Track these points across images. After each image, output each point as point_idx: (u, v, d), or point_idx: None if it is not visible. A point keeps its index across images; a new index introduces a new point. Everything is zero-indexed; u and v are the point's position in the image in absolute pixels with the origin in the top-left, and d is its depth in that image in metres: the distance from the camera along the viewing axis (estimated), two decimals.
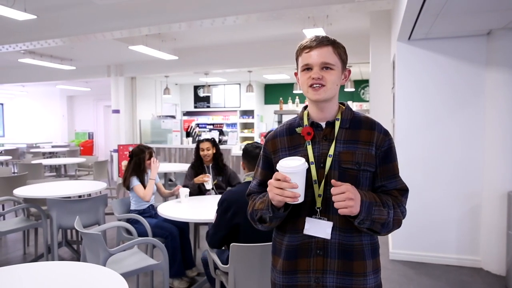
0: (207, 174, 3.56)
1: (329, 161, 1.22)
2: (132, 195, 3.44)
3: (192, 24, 4.67)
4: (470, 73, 3.58)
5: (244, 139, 10.54)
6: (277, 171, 1.17)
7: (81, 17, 5.07)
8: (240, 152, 7.87)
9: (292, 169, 1.12)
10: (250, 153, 2.42)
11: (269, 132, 3.11)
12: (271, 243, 2.11)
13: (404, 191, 1.28)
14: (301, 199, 1.14)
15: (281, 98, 9.18)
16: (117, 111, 8.92)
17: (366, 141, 1.24)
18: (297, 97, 9.04)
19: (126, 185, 3.42)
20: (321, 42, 1.22)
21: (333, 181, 1.14)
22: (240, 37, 6.66)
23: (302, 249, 1.24)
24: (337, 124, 1.26)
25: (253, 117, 11.09)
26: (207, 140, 3.74)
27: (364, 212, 1.14)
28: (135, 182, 3.39)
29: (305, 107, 1.35)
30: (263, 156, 1.38)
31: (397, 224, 1.23)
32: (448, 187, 3.67)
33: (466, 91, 3.61)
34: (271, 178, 1.32)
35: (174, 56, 6.96)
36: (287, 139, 1.31)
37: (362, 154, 1.23)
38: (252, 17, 4.42)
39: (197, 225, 3.86)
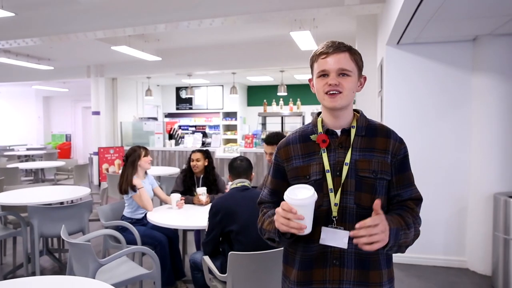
0: (199, 196, 3.31)
1: (345, 169, 1.20)
2: (128, 202, 3.30)
3: (179, 25, 4.58)
4: (457, 78, 3.65)
5: (227, 141, 10.46)
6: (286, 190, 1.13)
7: (63, 16, 4.89)
8: (224, 155, 7.82)
9: (300, 201, 1.07)
10: (232, 164, 2.61)
11: (270, 134, 3.08)
12: (270, 251, 2.09)
13: (418, 200, 1.26)
14: (307, 231, 1.10)
15: (265, 100, 9.17)
16: (97, 113, 8.68)
17: (382, 149, 1.23)
18: (281, 99, 9.03)
19: (123, 190, 3.26)
20: (338, 48, 1.19)
21: (376, 204, 1.08)
22: (224, 38, 6.59)
23: (317, 259, 1.21)
24: (353, 131, 1.23)
25: (236, 119, 11.02)
26: (199, 150, 3.58)
27: (392, 239, 1.11)
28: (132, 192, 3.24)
29: (318, 114, 1.31)
30: (274, 165, 1.34)
31: (416, 238, 1.22)
32: (436, 189, 3.72)
33: (453, 95, 3.68)
34: (282, 187, 1.30)
35: (158, 57, 6.83)
36: (300, 147, 1.28)
37: (378, 162, 1.21)
38: (240, 19, 4.37)
39: (185, 232, 3.78)
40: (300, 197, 1.08)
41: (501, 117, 3.44)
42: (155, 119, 10.24)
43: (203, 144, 8.47)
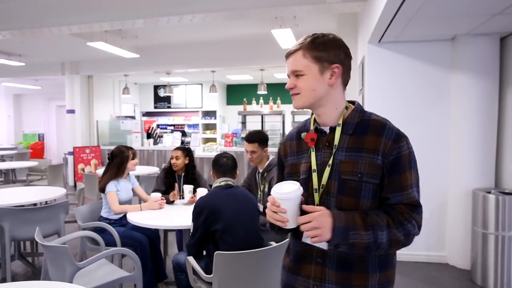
0: (185, 194, 3.27)
1: (327, 170, 1.15)
2: (105, 201, 3.18)
3: (159, 20, 4.46)
4: (437, 76, 3.72)
5: (207, 140, 10.34)
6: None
7: (35, 9, 4.65)
8: (203, 154, 7.72)
9: (281, 195, 1.10)
10: (217, 162, 2.53)
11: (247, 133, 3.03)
12: (257, 250, 2.05)
13: (412, 206, 1.13)
14: (291, 225, 1.10)
15: (245, 99, 9.11)
16: (72, 111, 8.40)
17: (372, 149, 1.13)
18: (261, 98, 9.00)
19: (102, 187, 3.15)
20: (293, 48, 1.17)
21: (304, 206, 1.10)
22: (204, 36, 6.50)
23: (305, 255, 1.22)
24: (338, 130, 1.17)
25: (215, 118, 10.92)
26: (179, 148, 3.49)
27: (337, 237, 1.06)
28: (111, 187, 3.12)
29: None
30: (278, 160, 1.36)
31: (395, 245, 1.11)
32: None
33: (433, 93, 3.74)
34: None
35: (135, 54, 6.65)
36: (296, 144, 1.28)
37: (366, 163, 1.12)
38: (221, 15, 4.30)
39: (166, 232, 3.69)
40: (283, 191, 1.10)
41: (478, 114, 3.52)
42: (133, 117, 10.01)
43: (182, 143, 8.35)
